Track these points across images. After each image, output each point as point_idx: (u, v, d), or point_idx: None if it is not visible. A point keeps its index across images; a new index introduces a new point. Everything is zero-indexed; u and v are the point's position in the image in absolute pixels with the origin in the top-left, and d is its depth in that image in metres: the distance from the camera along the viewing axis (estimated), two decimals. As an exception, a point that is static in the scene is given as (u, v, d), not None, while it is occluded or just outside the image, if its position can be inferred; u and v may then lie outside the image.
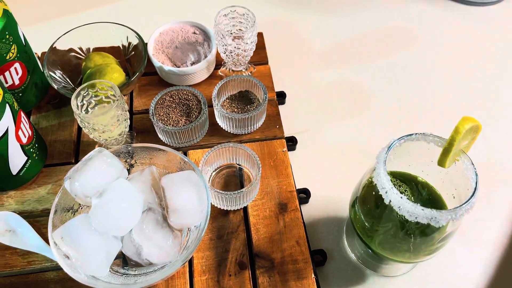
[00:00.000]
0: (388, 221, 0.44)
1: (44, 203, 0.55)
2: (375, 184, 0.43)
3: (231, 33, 0.59)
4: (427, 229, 0.43)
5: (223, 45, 0.60)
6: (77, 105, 0.51)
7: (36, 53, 0.64)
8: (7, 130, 0.48)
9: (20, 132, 0.51)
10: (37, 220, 0.54)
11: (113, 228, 0.44)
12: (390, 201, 0.41)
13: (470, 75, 0.73)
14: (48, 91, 0.65)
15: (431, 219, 0.39)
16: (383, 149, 0.43)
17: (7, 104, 0.48)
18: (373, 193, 0.45)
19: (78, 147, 0.60)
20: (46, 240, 0.51)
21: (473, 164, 0.42)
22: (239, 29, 0.63)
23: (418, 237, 0.44)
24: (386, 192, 0.41)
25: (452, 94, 0.70)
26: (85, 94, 0.53)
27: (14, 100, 0.51)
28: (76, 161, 0.59)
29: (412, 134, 0.44)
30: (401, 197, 0.40)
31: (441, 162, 0.42)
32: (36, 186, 0.56)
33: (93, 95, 0.53)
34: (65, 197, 0.48)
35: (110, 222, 0.44)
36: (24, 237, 0.51)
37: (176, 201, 0.47)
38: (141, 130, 0.62)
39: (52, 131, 0.61)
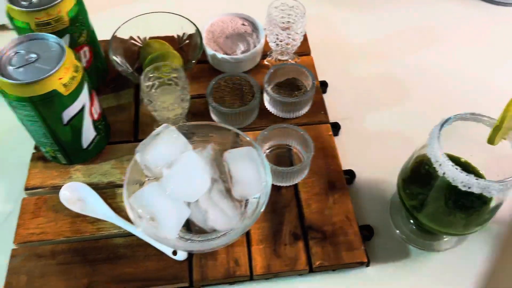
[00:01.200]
0: (439, 194, 0.48)
1: (109, 176, 0.59)
2: (428, 159, 0.47)
3: (283, 23, 0.63)
4: (477, 201, 0.47)
5: (274, 35, 0.64)
6: (146, 85, 0.56)
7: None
8: (83, 105, 0.53)
9: (93, 109, 0.55)
10: (103, 191, 0.57)
11: (186, 194, 0.48)
12: (444, 173, 0.44)
13: (503, 68, 0.76)
14: (105, 75, 0.69)
15: (484, 189, 0.43)
16: (436, 126, 0.47)
17: (85, 82, 0.52)
18: (426, 167, 0.48)
19: (136, 128, 0.64)
20: (113, 210, 0.56)
21: (521, 141, 0.45)
22: (288, 21, 0.67)
23: (467, 209, 0.47)
24: (440, 165, 0.45)
25: (489, 85, 0.74)
26: (151, 76, 0.57)
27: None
28: (136, 140, 0.63)
29: (463, 113, 0.48)
30: (456, 168, 0.43)
31: (491, 140, 0.46)
32: (100, 161, 0.60)
33: (157, 77, 0.58)
34: (135, 170, 0.52)
35: (184, 189, 0.48)
36: (94, 206, 0.55)
37: (239, 173, 0.51)
38: (193, 113, 0.66)
39: (111, 112, 0.65)
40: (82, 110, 0.53)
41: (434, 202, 0.49)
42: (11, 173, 0.61)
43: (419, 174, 0.50)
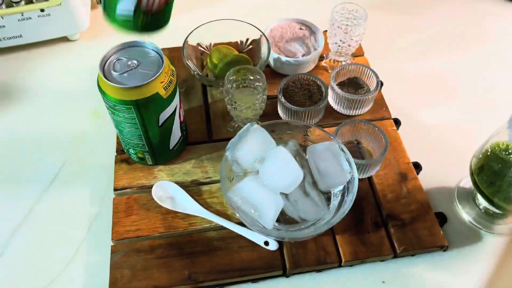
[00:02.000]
0: (516, 177, 0.51)
1: (192, 175, 0.62)
2: (503, 146, 0.51)
3: (344, 26, 0.67)
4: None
5: (336, 37, 0.68)
6: (229, 86, 0.59)
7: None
8: (176, 107, 0.56)
9: (181, 111, 0.59)
10: (188, 189, 0.61)
11: (283, 184, 0.52)
12: (527, 156, 0.48)
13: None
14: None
15: None
16: (514, 114, 0.51)
17: (177, 85, 0.56)
18: (502, 153, 0.52)
19: (209, 129, 0.68)
20: (201, 205, 0.59)
21: None
22: (347, 24, 0.71)
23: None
24: (523, 149, 0.48)
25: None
26: (231, 78, 0.60)
27: None
28: (211, 141, 0.66)
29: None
30: (541, 152, 0.47)
31: None
32: (181, 161, 0.64)
33: (234, 80, 0.61)
34: (225, 167, 0.55)
35: (280, 180, 0.52)
36: (183, 202, 0.59)
37: (325, 166, 0.55)
38: (262, 114, 0.69)
39: (185, 115, 0.68)
40: (174, 112, 0.56)
41: (508, 185, 0.53)
42: (92, 177, 0.65)
43: (493, 160, 0.54)
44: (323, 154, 0.56)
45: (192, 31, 0.70)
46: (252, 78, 0.61)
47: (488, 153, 0.55)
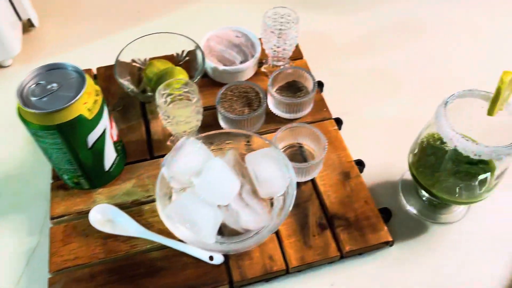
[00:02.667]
0: (448, 167, 0.52)
1: (132, 195, 0.60)
2: (433, 137, 0.52)
3: (277, 31, 0.67)
4: (483, 170, 0.51)
5: (270, 42, 0.68)
6: (162, 101, 0.58)
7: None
8: (105, 127, 0.54)
9: (112, 131, 0.57)
10: (129, 210, 0.59)
11: (219, 197, 0.51)
12: (455, 146, 0.49)
13: (484, 51, 0.83)
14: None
15: (493, 154, 0.47)
16: (440, 105, 0.52)
17: (104, 105, 0.54)
18: (434, 144, 0.53)
19: (150, 145, 0.66)
20: (142, 226, 0.57)
21: (516, 109, 0.50)
22: (280, 28, 0.71)
23: (475, 178, 0.52)
24: (451, 139, 0.49)
25: (462, 69, 0.80)
26: (163, 93, 0.59)
27: None
28: (152, 157, 0.65)
29: (461, 91, 0.52)
30: (467, 140, 0.48)
31: (490, 111, 0.51)
32: (121, 181, 0.62)
33: (168, 94, 0.60)
34: (162, 184, 0.54)
35: (217, 193, 0.51)
36: (124, 225, 0.57)
37: (264, 172, 0.54)
38: (202, 125, 0.68)
39: (123, 134, 0.67)
40: (104, 132, 0.54)
41: (445, 175, 0.53)
42: (29, 206, 0.62)
43: (428, 152, 0.55)
44: (261, 161, 0.55)
45: (124, 48, 0.68)
46: (186, 90, 0.60)
47: (423, 145, 0.55)
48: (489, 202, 0.62)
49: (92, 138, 0.53)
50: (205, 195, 0.50)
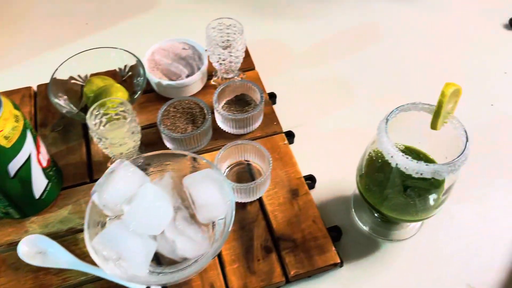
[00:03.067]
0: (394, 184, 0.49)
1: (67, 223, 0.57)
2: (380, 153, 0.49)
3: (223, 43, 0.64)
4: (431, 185, 0.49)
5: (216, 55, 0.65)
6: (93, 124, 0.54)
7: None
8: (29, 154, 0.51)
9: (40, 156, 0.53)
10: (64, 239, 0.55)
11: (149, 227, 0.47)
12: (396, 164, 0.46)
13: (429, 57, 0.81)
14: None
15: (435, 172, 0.45)
16: (382, 121, 0.49)
17: (27, 130, 0.50)
18: (379, 161, 0.50)
19: (90, 167, 0.63)
20: (77, 256, 0.53)
21: (460, 122, 0.48)
22: (227, 39, 0.68)
23: (422, 195, 0.50)
24: (392, 157, 0.46)
25: (419, 76, 0.78)
26: (97, 113, 0.56)
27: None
28: (91, 181, 0.61)
29: (404, 105, 0.50)
30: (407, 158, 0.45)
31: (434, 125, 0.48)
32: (57, 208, 0.58)
33: (103, 114, 0.57)
34: (94, 212, 0.51)
35: (146, 222, 0.47)
36: (55, 256, 0.53)
37: (201, 197, 0.51)
38: (147, 143, 0.65)
39: (62, 156, 0.63)
40: (28, 159, 0.51)
41: (393, 193, 0.51)
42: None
43: (374, 169, 0.52)
44: (200, 184, 0.52)
45: (61, 65, 0.65)
46: (122, 109, 0.57)
47: (370, 162, 0.53)
48: (443, 215, 0.60)
49: (13, 166, 0.49)
50: (134, 225, 0.47)
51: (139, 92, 0.62)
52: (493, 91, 0.76)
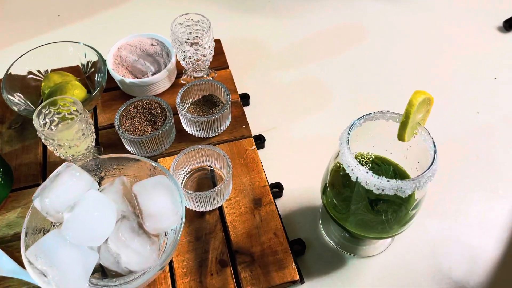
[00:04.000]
0: (358, 199, 0.45)
1: (14, 227, 0.54)
2: (342, 166, 0.45)
3: (188, 40, 0.60)
4: (396, 200, 0.45)
5: (181, 52, 0.61)
6: (40, 124, 0.51)
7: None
8: (-32, 155, 0.47)
9: (-18, 157, 0.50)
10: (9, 245, 0.52)
11: (88, 239, 0.44)
12: (357, 177, 0.42)
13: (415, 60, 0.77)
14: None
15: (397, 189, 0.41)
16: (345, 130, 0.45)
17: (-34, 129, 0.47)
18: (341, 174, 0.46)
19: (44, 168, 0.59)
20: (20, 264, 0.50)
21: (430, 135, 0.44)
22: (196, 36, 0.64)
23: (389, 210, 0.46)
24: (352, 170, 0.42)
25: (402, 79, 0.74)
26: (46, 112, 0.52)
27: None
28: (44, 182, 0.58)
29: (371, 113, 0.46)
30: (367, 172, 0.41)
31: (401, 136, 0.45)
32: (5, 211, 0.55)
33: (55, 113, 0.53)
34: (35, 217, 0.47)
35: (84, 233, 0.44)
36: (-4, 264, 0.50)
37: (150, 206, 0.47)
38: (108, 144, 0.62)
39: (16, 155, 0.60)
40: (-34, 160, 0.47)
41: (357, 208, 0.47)
42: None
43: (338, 182, 0.48)
44: (149, 192, 0.48)
45: (17, 59, 0.61)
46: (73, 109, 0.53)
47: (334, 174, 0.49)
48: (416, 229, 0.56)
49: None
50: (71, 236, 0.43)
51: (97, 90, 0.59)
52: (480, 98, 0.71)
